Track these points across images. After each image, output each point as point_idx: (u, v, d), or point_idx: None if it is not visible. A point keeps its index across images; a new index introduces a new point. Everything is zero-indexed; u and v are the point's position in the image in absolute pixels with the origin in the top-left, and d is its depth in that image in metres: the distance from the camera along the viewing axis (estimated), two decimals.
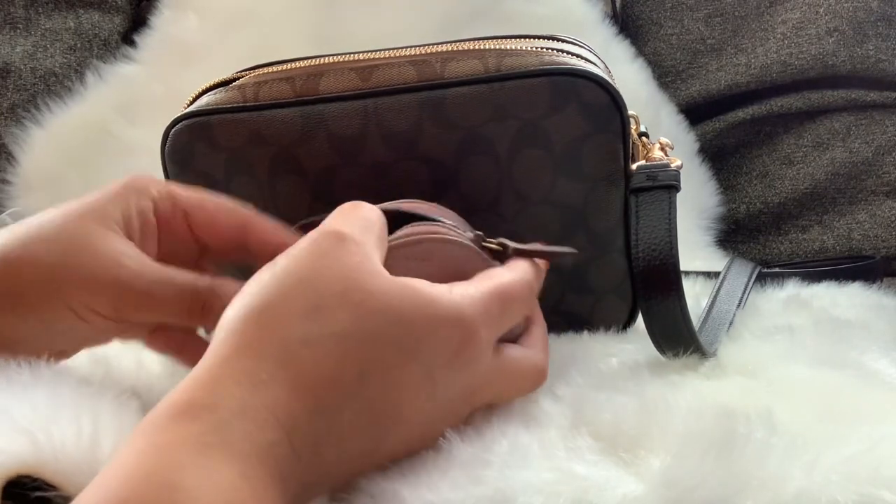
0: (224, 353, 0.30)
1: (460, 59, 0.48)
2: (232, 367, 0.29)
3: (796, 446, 0.30)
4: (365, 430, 0.31)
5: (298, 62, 0.50)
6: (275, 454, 0.28)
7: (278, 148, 0.49)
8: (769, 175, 0.89)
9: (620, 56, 0.92)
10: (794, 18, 0.89)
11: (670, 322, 0.43)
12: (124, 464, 0.26)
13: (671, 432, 0.32)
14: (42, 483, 0.28)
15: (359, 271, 0.32)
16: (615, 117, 0.48)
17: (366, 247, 0.33)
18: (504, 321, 0.36)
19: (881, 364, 0.45)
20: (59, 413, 0.31)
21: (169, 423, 0.27)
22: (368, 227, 0.35)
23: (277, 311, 0.31)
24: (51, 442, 0.29)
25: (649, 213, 0.45)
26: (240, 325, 0.31)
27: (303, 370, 0.30)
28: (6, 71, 0.86)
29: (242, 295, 0.32)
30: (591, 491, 0.29)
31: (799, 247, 0.86)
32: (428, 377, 0.32)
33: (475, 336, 0.33)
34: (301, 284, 0.31)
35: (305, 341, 0.30)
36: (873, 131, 0.85)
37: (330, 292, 0.31)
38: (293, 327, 0.30)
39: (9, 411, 0.31)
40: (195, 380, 0.29)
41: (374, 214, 0.36)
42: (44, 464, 0.28)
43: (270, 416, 0.28)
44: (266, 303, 0.31)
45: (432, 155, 0.48)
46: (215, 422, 0.27)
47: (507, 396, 0.37)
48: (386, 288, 0.32)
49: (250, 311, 0.31)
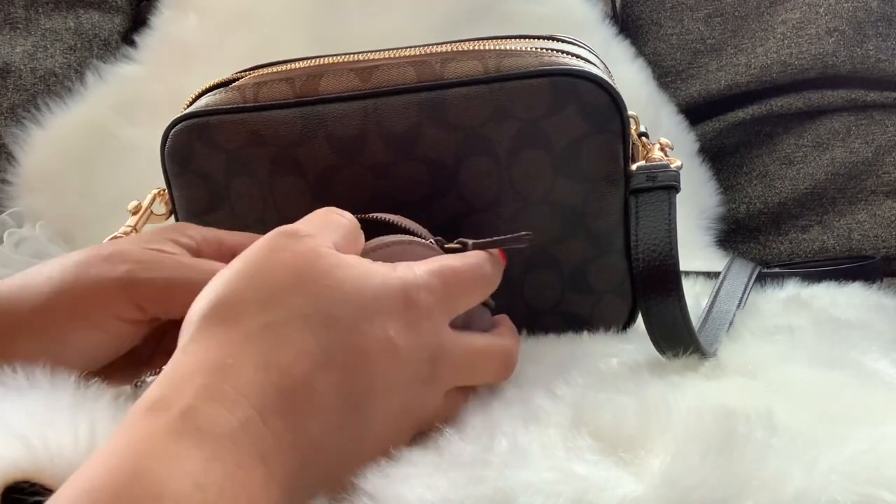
0: (189, 348, 0.31)
1: (460, 60, 0.48)
2: (197, 360, 0.30)
3: (796, 446, 0.30)
4: (343, 402, 0.32)
5: (298, 62, 0.50)
6: (249, 433, 0.28)
7: (278, 148, 0.49)
8: (769, 175, 0.89)
9: (620, 56, 0.92)
10: (794, 18, 0.89)
11: (670, 322, 0.43)
12: (98, 460, 0.26)
13: (671, 432, 0.32)
14: (40, 488, 0.29)
15: (307, 255, 0.34)
16: (615, 118, 0.48)
17: (319, 238, 0.35)
18: (451, 296, 0.37)
19: (881, 364, 0.45)
20: (55, 418, 0.31)
21: (141, 417, 0.28)
22: (330, 226, 0.37)
23: (236, 303, 0.32)
24: (47, 447, 0.29)
25: (649, 213, 0.45)
26: (203, 321, 0.32)
27: (266, 349, 0.31)
28: (6, 71, 0.86)
29: (204, 293, 0.33)
30: (590, 491, 0.29)
31: (799, 247, 0.86)
32: (387, 340, 0.33)
33: (417, 299, 0.35)
34: (257, 276, 0.33)
35: (266, 325, 0.31)
36: (873, 131, 0.85)
37: (284, 280, 0.33)
38: (252, 315, 0.32)
39: (5, 417, 0.31)
40: (165, 376, 0.30)
41: (342, 219, 0.38)
42: (40, 469, 0.29)
43: (239, 395, 0.29)
44: (225, 297, 0.32)
45: (432, 155, 0.48)
46: (183, 410, 0.28)
47: (480, 377, 0.38)
48: (335, 264, 0.34)
49: (211, 307, 0.32)
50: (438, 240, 0.42)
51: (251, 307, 0.32)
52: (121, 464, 0.26)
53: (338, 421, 0.31)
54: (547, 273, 0.51)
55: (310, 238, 0.35)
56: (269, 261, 0.34)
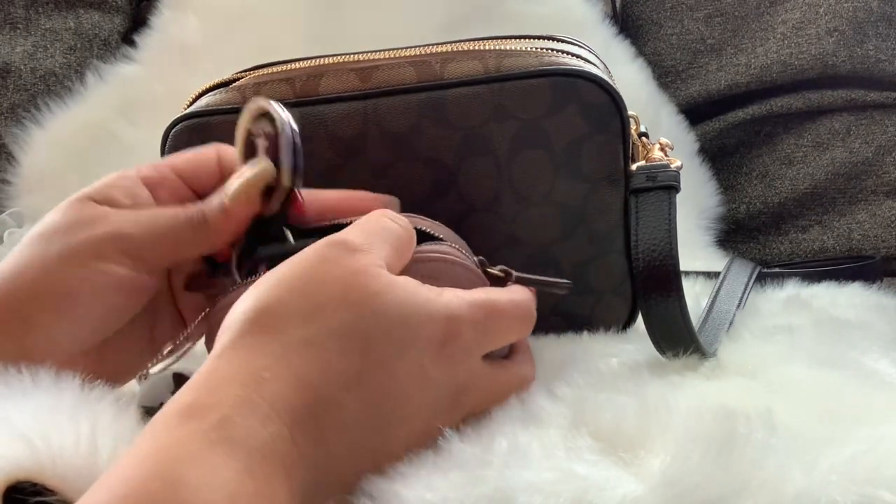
0: (227, 354, 0.31)
1: (460, 60, 0.48)
2: (235, 368, 0.30)
3: (796, 446, 0.30)
4: (368, 423, 0.32)
5: (298, 63, 0.50)
6: (278, 449, 0.28)
7: None
8: (769, 175, 0.89)
9: (620, 56, 0.92)
10: (794, 18, 0.89)
11: (670, 322, 0.43)
12: (130, 462, 0.26)
13: (671, 432, 0.32)
14: (41, 488, 0.29)
15: (358, 274, 0.33)
16: (615, 118, 0.48)
17: (369, 254, 0.34)
18: (491, 333, 0.37)
19: (881, 364, 0.45)
20: (57, 418, 0.31)
21: (174, 422, 0.28)
22: (382, 235, 0.36)
23: (279, 313, 0.32)
24: (49, 447, 0.29)
25: (649, 213, 0.45)
26: (243, 327, 0.31)
27: (304, 367, 0.30)
28: (6, 71, 0.86)
29: (245, 298, 0.33)
30: (590, 491, 0.29)
31: (799, 247, 0.86)
32: (420, 369, 0.33)
33: (459, 333, 0.34)
34: (303, 287, 0.33)
35: (307, 341, 0.31)
36: (873, 131, 0.85)
37: (330, 294, 0.32)
38: (294, 328, 0.31)
39: (8, 417, 0.31)
40: (200, 381, 0.30)
41: (395, 226, 0.37)
42: (42, 469, 0.29)
43: (272, 411, 0.29)
44: (268, 305, 0.32)
45: (432, 155, 0.48)
46: (219, 419, 0.28)
47: (496, 404, 0.38)
48: (384, 288, 0.33)
49: (253, 314, 0.32)
50: (481, 260, 0.41)
51: (294, 319, 0.32)
52: (155, 469, 0.26)
53: (359, 441, 0.31)
54: (547, 273, 0.50)
55: (363, 254, 0.34)
56: (319, 273, 0.33)
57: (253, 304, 0.32)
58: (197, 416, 0.28)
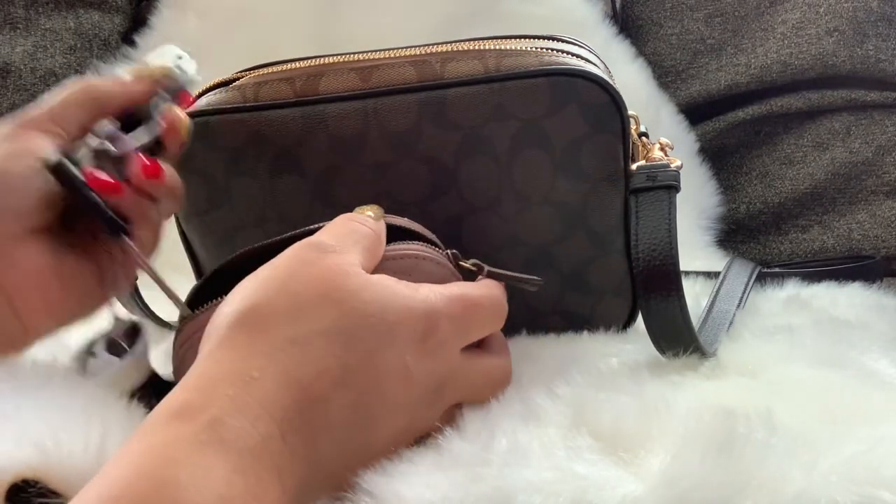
0: (215, 356, 0.31)
1: (460, 60, 0.48)
2: (223, 369, 0.31)
3: (796, 446, 0.30)
4: (354, 420, 0.32)
5: (298, 62, 0.50)
6: (269, 448, 0.29)
7: (278, 148, 0.49)
8: (769, 175, 0.89)
9: (620, 56, 0.92)
10: (794, 18, 0.89)
11: (670, 322, 0.43)
12: (121, 463, 0.26)
13: (671, 432, 0.32)
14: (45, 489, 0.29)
15: (337, 273, 0.34)
16: (615, 117, 0.48)
17: (345, 254, 0.35)
18: (469, 326, 0.37)
19: (881, 364, 0.45)
20: (69, 422, 0.31)
21: (165, 424, 0.28)
22: (352, 237, 0.37)
23: (264, 314, 0.32)
24: (58, 449, 0.29)
25: (649, 213, 0.45)
26: (229, 330, 0.32)
27: (291, 365, 0.31)
28: (6, 71, 0.86)
29: (229, 301, 0.34)
30: (590, 490, 0.29)
31: (799, 247, 0.86)
32: (402, 363, 0.34)
33: (437, 326, 0.35)
34: (285, 288, 0.33)
35: (293, 339, 0.32)
36: (873, 131, 0.85)
37: (311, 294, 0.33)
38: (280, 328, 0.32)
39: (20, 416, 0.31)
40: (189, 383, 0.30)
41: (364, 228, 0.38)
42: (49, 470, 0.29)
43: (262, 411, 0.29)
44: (255, 304, 0.33)
45: (432, 155, 0.48)
46: (209, 421, 0.28)
47: (480, 397, 0.38)
48: (362, 286, 0.34)
49: (238, 316, 0.33)
50: (454, 253, 0.42)
51: (281, 319, 0.32)
52: (145, 470, 0.26)
53: (346, 437, 0.32)
54: (547, 273, 0.51)
55: (337, 255, 0.35)
56: (299, 273, 0.34)
57: (239, 304, 0.33)
58: (188, 418, 0.28)
